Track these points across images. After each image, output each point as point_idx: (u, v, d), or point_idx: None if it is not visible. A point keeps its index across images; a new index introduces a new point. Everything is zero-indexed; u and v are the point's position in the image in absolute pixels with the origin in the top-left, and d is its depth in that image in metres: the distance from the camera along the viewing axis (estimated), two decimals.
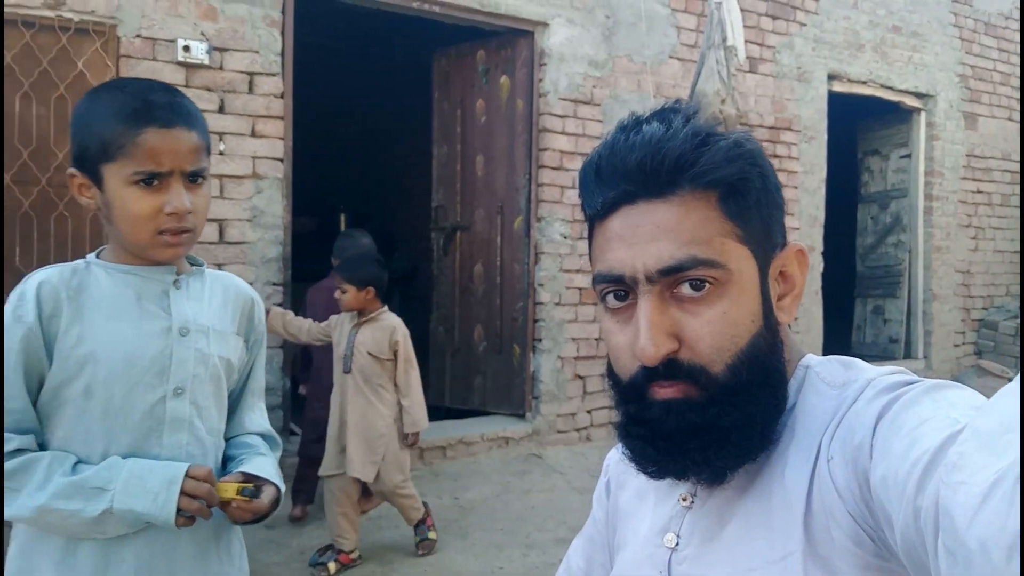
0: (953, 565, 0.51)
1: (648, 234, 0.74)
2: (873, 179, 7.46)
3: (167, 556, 1.26)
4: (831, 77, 6.34)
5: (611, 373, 0.80)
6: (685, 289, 0.73)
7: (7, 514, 1.18)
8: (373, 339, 3.34)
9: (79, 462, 1.22)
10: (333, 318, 3.51)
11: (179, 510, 1.21)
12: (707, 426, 0.73)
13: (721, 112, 4.08)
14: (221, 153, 4.04)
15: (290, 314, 3.68)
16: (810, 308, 6.34)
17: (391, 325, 3.37)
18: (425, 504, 3.63)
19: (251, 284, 4.05)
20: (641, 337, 0.73)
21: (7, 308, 1.22)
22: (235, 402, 1.44)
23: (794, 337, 0.84)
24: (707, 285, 0.73)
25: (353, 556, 3.45)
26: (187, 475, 1.23)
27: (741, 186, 0.75)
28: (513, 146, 5.11)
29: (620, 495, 0.94)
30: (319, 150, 8.06)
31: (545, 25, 5.03)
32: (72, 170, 1.26)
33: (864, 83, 6.57)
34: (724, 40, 3.98)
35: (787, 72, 6.10)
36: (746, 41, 5.75)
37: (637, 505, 0.89)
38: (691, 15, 5.61)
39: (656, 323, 0.73)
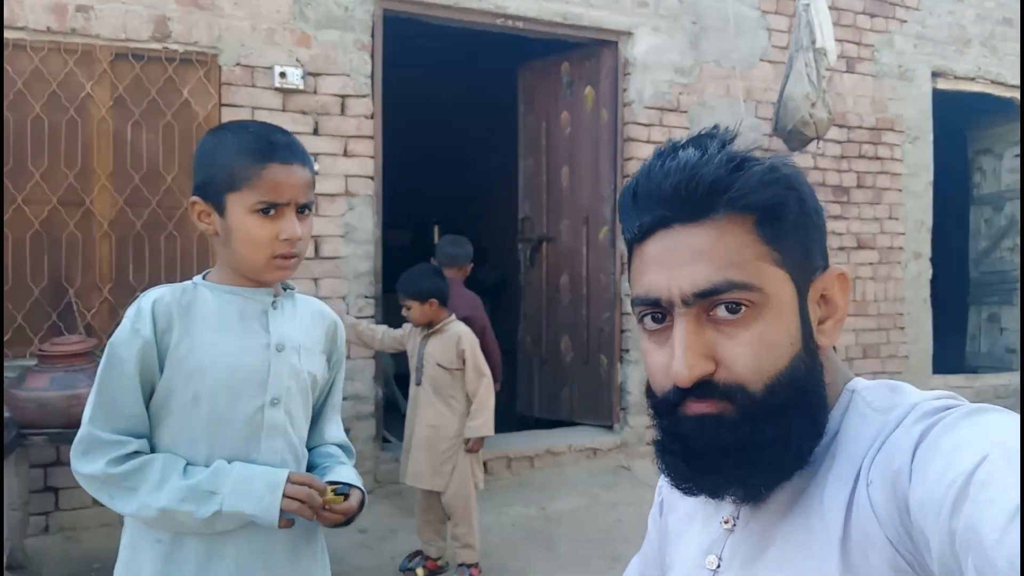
0: None
1: (684, 258, 0.75)
2: (986, 180, 7.05)
3: (263, 554, 1.37)
4: (935, 74, 6.04)
5: (649, 392, 0.81)
6: (721, 312, 0.74)
7: (127, 511, 1.31)
8: (441, 350, 3.38)
9: (188, 465, 1.34)
10: (407, 326, 3.56)
11: (282, 512, 1.32)
12: (740, 443, 0.73)
13: (811, 116, 3.97)
14: (316, 173, 4.20)
15: (362, 323, 3.78)
16: (918, 317, 6.05)
17: (457, 334, 3.39)
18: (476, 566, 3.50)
19: (344, 297, 4.25)
20: (676, 359, 0.73)
21: (125, 322, 1.36)
22: (317, 414, 1.56)
23: (840, 361, 0.83)
24: (743, 308, 0.73)
25: (440, 563, 3.51)
26: (288, 480, 1.34)
27: (777, 210, 0.75)
28: (598, 157, 5.11)
29: (671, 516, 0.95)
30: (411, 164, 8.27)
31: (629, 34, 5.02)
32: (195, 198, 1.39)
33: (972, 79, 6.23)
34: (813, 42, 3.87)
35: (887, 71, 5.86)
36: (843, 40, 5.57)
37: (686, 526, 0.90)
38: (782, 16, 5.46)
39: (691, 345, 0.74)
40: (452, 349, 3.37)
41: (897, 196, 5.93)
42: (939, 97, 6.10)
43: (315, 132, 4.21)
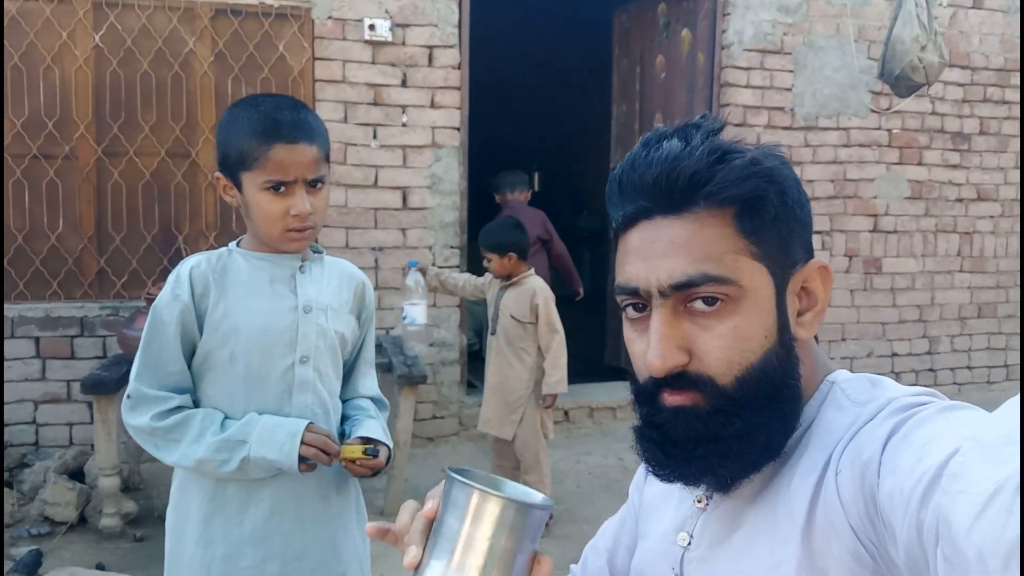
0: (950, 573, 0.52)
1: (662, 250, 0.76)
2: None
3: (296, 497, 1.50)
4: None
5: (631, 379, 0.83)
6: (698, 304, 0.75)
7: (170, 461, 1.46)
8: (516, 302, 3.43)
9: (226, 418, 1.47)
10: (487, 276, 3.63)
11: (302, 459, 1.43)
12: (711, 435, 0.75)
13: (921, 60, 3.69)
14: (404, 125, 4.30)
15: (445, 272, 3.87)
16: None
17: (532, 288, 3.42)
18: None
19: (430, 247, 4.36)
20: (651, 350, 0.75)
21: (166, 287, 1.48)
22: (350, 370, 1.66)
23: (822, 353, 0.83)
24: (719, 301, 0.75)
25: None
26: (307, 429, 1.45)
27: (757, 204, 0.75)
28: (693, 103, 4.94)
29: (649, 488, 0.97)
30: (510, 112, 8.26)
31: None
32: (218, 173, 1.49)
33: None
34: None
35: (1020, 5, 5.33)
36: None
37: (663, 501, 0.92)
38: None
39: (666, 336, 0.75)
40: (527, 302, 3.42)
41: None
42: None
43: (403, 84, 4.28)
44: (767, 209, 0.75)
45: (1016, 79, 5.38)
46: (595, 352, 5.67)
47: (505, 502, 0.70)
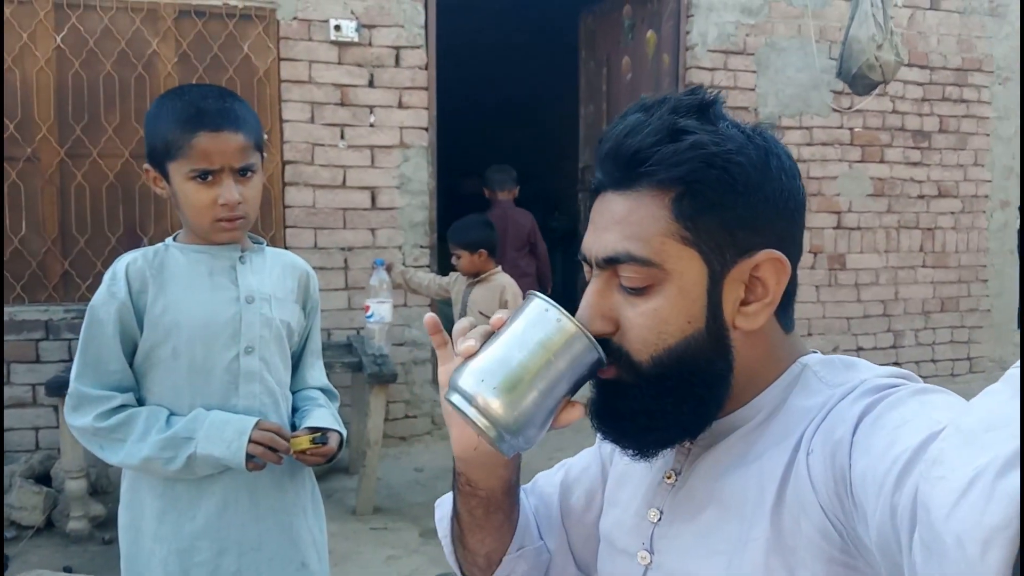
0: (928, 559, 0.52)
1: (605, 223, 0.78)
2: None
3: (249, 487, 1.49)
4: None
5: None
6: (624, 280, 0.77)
7: (115, 461, 1.44)
8: (484, 298, 3.44)
9: (171, 415, 1.45)
10: (453, 275, 3.64)
11: (250, 456, 1.42)
12: (628, 411, 0.78)
13: (877, 59, 3.77)
14: (372, 125, 4.31)
15: (410, 271, 3.88)
16: (1003, 269, 5.74)
17: (501, 284, 3.45)
18: None
19: (400, 247, 4.36)
20: (577, 314, 0.78)
21: (102, 286, 1.47)
22: (297, 361, 1.65)
23: (791, 339, 0.82)
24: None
25: None
26: (256, 426, 1.44)
27: (693, 187, 0.74)
28: None
29: (620, 457, 0.96)
30: (479, 113, 8.27)
31: None
32: (147, 166, 1.48)
33: None
34: None
35: (976, 7, 5.47)
36: None
37: (632, 468, 0.92)
38: None
39: (592, 304, 0.78)
40: (496, 298, 3.44)
41: (983, 141, 5.59)
42: None
43: (370, 84, 4.28)
44: (704, 194, 0.74)
45: (973, 78, 5.51)
46: None
47: (577, 330, 0.73)
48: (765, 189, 0.76)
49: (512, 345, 0.74)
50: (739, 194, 0.75)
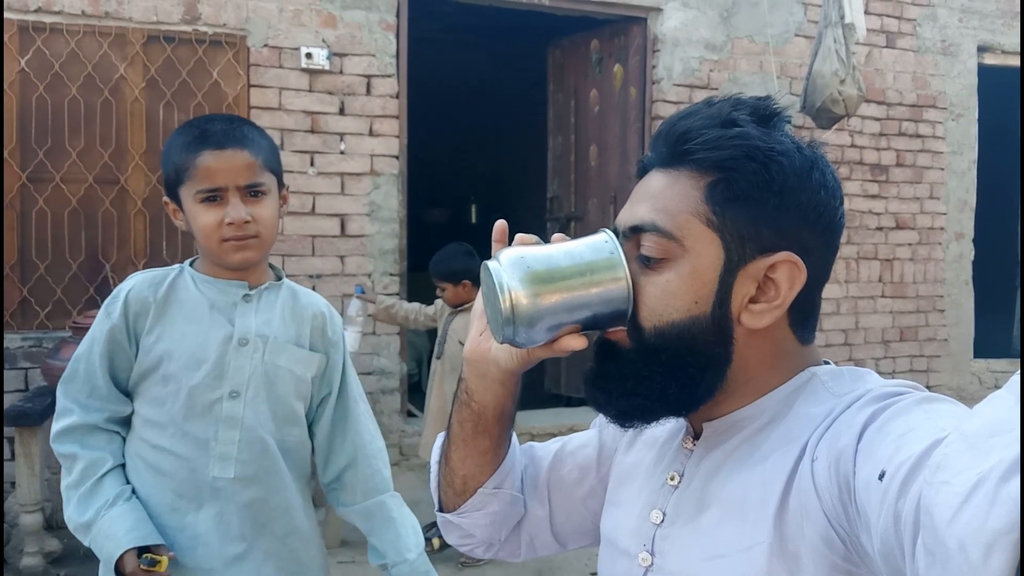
0: (931, 564, 0.52)
1: (640, 196, 0.82)
2: None
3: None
4: (982, 49, 5.82)
5: None
6: (645, 249, 0.79)
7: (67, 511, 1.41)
8: (464, 327, 3.43)
9: (110, 470, 1.41)
10: (438, 303, 3.61)
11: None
12: (618, 374, 0.81)
13: (840, 93, 3.88)
14: (342, 152, 4.29)
15: (396, 304, 3.84)
16: (959, 299, 5.89)
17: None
18: None
19: (369, 275, 4.33)
20: None
21: (105, 302, 1.46)
22: (342, 415, 1.56)
23: (807, 350, 0.82)
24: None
25: None
26: (122, 557, 1.33)
27: (732, 176, 0.76)
28: (626, 135, 5.08)
29: (625, 457, 0.96)
30: (449, 143, 8.31)
31: (659, 11, 4.96)
32: (166, 199, 1.47)
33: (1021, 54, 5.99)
34: (842, 18, 3.78)
35: (930, 46, 5.68)
36: (883, 15, 5.43)
37: (635, 470, 0.92)
38: None
39: None
40: None
41: (939, 175, 5.77)
42: (986, 73, 5.88)
43: (341, 112, 4.28)
44: (740, 184, 0.76)
45: (928, 114, 5.70)
46: (536, 379, 5.68)
47: (624, 271, 0.78)
48: (800, 196, 0.77)
49: (563, 252, 0.79)
50: (773, 193, 0.76)
